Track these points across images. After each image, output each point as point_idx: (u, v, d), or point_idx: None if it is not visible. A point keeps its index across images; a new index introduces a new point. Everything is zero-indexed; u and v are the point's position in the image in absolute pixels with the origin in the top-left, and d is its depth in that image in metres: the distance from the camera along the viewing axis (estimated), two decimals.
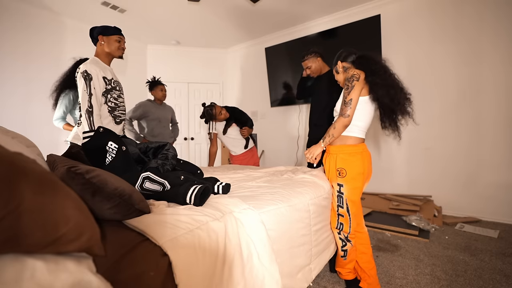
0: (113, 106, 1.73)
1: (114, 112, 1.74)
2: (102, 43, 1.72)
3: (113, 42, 1.73)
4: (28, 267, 0.43)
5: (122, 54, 1.81)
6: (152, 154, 1.32)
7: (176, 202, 0.94)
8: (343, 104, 1.30)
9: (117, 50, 1.75)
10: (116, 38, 1.75)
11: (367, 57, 1.36)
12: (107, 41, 1.73)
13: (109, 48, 1.73)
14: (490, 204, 2.59)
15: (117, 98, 1.76)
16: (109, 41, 1.73)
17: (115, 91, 1.74)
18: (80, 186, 0.66)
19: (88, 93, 1.58)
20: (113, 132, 1.09)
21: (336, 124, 1.32)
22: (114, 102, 1.73)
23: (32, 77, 3.19)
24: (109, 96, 1.70)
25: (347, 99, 1.29)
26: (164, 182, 0.99)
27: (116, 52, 1.76)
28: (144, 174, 0.98)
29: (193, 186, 0.94)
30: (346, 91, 1.30)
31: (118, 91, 1.77)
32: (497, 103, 2.56)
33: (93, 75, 1.61)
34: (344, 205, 1.37)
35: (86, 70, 1.60)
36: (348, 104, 1.28)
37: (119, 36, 1.76)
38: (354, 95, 1.28)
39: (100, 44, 1.72)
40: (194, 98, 4.76)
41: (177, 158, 1.35)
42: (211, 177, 1.32)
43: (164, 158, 1.24)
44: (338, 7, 3.36)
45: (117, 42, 1.75)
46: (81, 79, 1.59)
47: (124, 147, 1.02)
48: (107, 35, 1.72)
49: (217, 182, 1.23)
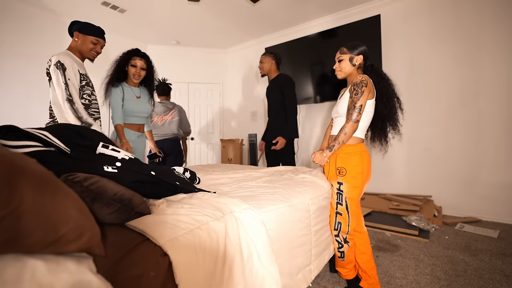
0: (87, 103, 1.64)
1: (88, 110, 1.65)
2: (76, 40, 1.64)
3: (87, 42, 1.65)
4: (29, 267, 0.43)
5: (94, 57, 1.72)
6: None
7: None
8: (352, 109, 1.30)
9: (89, 51, 1.67)
10: (92, 40, 1.66)
11: (376, 71, 1.44)
12: (82, 39, 1.64)
13: (81, 47, 1.65)
14: (490, 204, 2.59)
15: (90, 95, 1.67)
16: (84, 40, 1.64)
17: (88, 88, 1.66)
18: (79, 194, 0.66)
19: (64, 82, 1.50)
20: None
21: (346, 129, 1.31)
22: (88, 99, 1.65)
23: (32, 77, 3.19)
24: (82, 92, 1.61)
25: (357, 104, 1.29)
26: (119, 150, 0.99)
27: (87, 53, 1.67)
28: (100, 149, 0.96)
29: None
30: (356, 96, 1.30)
31: (91, 88, 1.69)
32: (497, 103, 2.56)
33: (67, 66, 1.52)
34: (343, 202, 1.37)
35: (59, 60, 1.52)
36: (358, 109, 1.29)
37: (96, 38, 1.67)
38: (363, 101, 1.29)
39: (74, 40, 1.64)
40: (194, 98, 4.76)
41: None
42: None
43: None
44: (338, 7, 3.36)
45: (92, 44, 1.66)
46: (55, 70, 1.50)
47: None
48: (83, 33, 1.64)
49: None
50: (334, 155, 1.41)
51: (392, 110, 1.43)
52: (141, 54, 1.98)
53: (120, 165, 0.87)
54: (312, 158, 1.42)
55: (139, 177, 0.89)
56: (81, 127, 1.05)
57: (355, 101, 1.30)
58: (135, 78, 1.96)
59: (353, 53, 1.40)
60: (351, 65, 1.41)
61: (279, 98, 2.45)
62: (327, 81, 3.47)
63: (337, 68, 1.45)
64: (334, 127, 1.48)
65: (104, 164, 0.83)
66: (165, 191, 1.02)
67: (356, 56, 1.39)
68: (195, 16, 3.54)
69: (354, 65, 1.40)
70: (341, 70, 1.44)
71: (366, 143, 1.47)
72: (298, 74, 3.69)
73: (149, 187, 0.94)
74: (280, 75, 2.53)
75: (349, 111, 1.32)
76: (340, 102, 1.42)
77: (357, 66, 1.41)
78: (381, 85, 1.41)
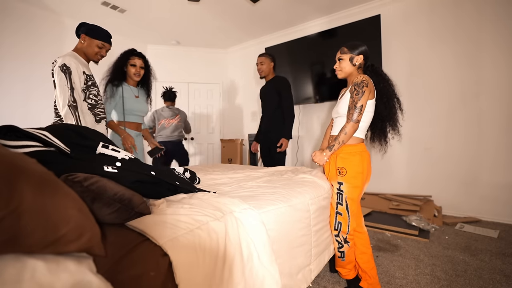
0: (93, 103, 1.66)
1: (94, 110, 1.66)
2: (83, 42, 1.66)
3: (93, 46, 1.67)
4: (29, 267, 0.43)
5: (99, 60, 1.75)
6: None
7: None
8: (353, 109, 1.30)
9: (94, 55, 1.69)
10: (98, 44, 1.68)
11: (377, 72, 1.44)
12: (88, 42, 1.66)
13: (87, 50, 1.67)
14: (490, 204, 2.59)
15: (97, 96, 1.69)
16: (90, 43, 1.67)
17: (94, 88, 1.68)
18: (79, 194, 0.66)
19: (70, 87, 1.51)
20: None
21: (347, 129, 1.31)
22: (94, 99, 1.66)
23: (32, 77, 3.19)
24: (88, 92, 1.63)
25: (358, 104, 1.29)
26: (119, 150, 0.99)
27: (92, 56, 1.70)
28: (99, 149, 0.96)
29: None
30: (356, 96, 1.30)
31: (97, 89, 1.71)
32: (497, 103, 2.56)
33: (72, 69, 1.53)
34: (344, 202, 1.37)
35: (65, 64, 1.52)
36: (358, 110, 1.29)
37: (102, 42, 1.70)
38: (364, 101, 1.30)
39: (81, 42, 1.66)
40: (194, 98, 4.76)
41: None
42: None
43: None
44: (338, 7, 3.36)
45: (98, 48, 1.69)
46: (60, 73, 1.50)
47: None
48: (90, 37, 1.66)
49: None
50: (335, 155, 1.41)
51: (392, 110, 1.43)
52: (138, 53, 2.03)
53: (120, 165, 0.87)
54: (312, 157, 1.43)
55: (139, 177, 0.89)
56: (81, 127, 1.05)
57: (355, 101, 1.30)
58: (136, 77, 2.00)
59: (353, 53, 1.40)
60: (351, 65, 1.41)
61: (275, 99, 2.47)
62: (327, 81, 3.47)
63: (337, 67, 1.46)
64: (334, 127, 1.48)
65: (104, 164, 0.83)
66: (165, 191, 1.02)
67: (356, 56, 1.40)
68: (195, 16, 3.54)
69: (354, 65, 1.41)
70: (341, 70, 1.44)
71: (366, 143, 1.47)
72: (298, 74, 3.69)
73: (149, 187, 0.94)
74: (276, 77, 2.56)
75: (349, 111, 1.32)
76: (341, 102, 1.43)
77: (357, 66, 1.41)
78: (381, 85, 1.41)
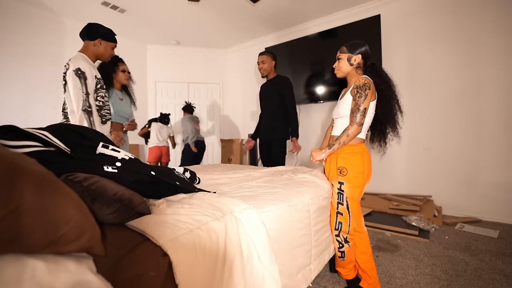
0: (100, 105, 1.67)
1: (101, 111, 1.67)
2: (99, 46, 1.67)
3: (109, 49, 1.71)
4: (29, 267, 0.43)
5: (108, 60, 1.79)
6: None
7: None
8: (357, 111, 1.30)
9: (108, 57, 1.73)
10: (113, 46, 1.73)
11: (377, 72, 1.42)
12: (104, 45, 1.68)
13: (104, 53, 1.69)
14: (490, 204, 2.59)
15: (104, 97, 1.70)
16: (106, 46, 1.69)
17: (102, 90, 1.69)
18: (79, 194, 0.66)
19: (85, 92, 1.53)
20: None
21: (349, 132, 1.31)
22: (101, 101, 1.68)
23: (32, 77, 3.20)
24: (96, 94, 1.64)
25: (361, 107, 1.29)
26: (120, 150, 0.99)
27: (106, 58, 1.73)
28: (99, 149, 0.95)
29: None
30: (359, 99, 1.30)
31: (104, 90, 1.72)
32: (497, 103, 2.56)
33: (87, 74, 1.55)
34: (344, 202, 1.37)
35: (79, 68, 1.53)
36: (362, 112, 1.30)
37: (115, 44, 1.75)
38: (367, 104, 1.30)
39: (95, 45, 1.66)
40: (194, 98, 4.76)
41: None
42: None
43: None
44: (338, 7, 3.36)
45: (112, 50, 1.72)
46: (75, 78, 1.51)
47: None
48: (106, 40, 1.68)
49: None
50: (335, 155, 1.41)
51: (392, 112, 1.43)
52: (122, 60, 2.15)
53: (120, 165, 0.87)
54: (310, 153, 1.45)
55: (139, 177, 0.89)
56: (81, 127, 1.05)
57: (358, 104, 1.30)
58: (127, 81, 2.16)
59: (351, 53, 1.40)
60: (348, 65, 1.41)
61: (277, 99, 2.46)
62: (327, 81, 3.47)
63: (336, 67, 1.47)
64: (334, 128, 1.48)
65: (104, 164, 0.83)
66: (165, 191, 1.02)
67: (355, 56, 1.40)
68: (195, 16, 3.54)
69: (352, 64, 1.41)
70: (339, 69, 1.45)
71: (365, 143, 1.47)
72: (298, 74, 3.69)
73: (149, 187, 0.94)
74: (278, 76, 2.54)
75: (353, 114, 1.32)
76: (341, 103, 1.42)
77: (355, 66, 1.41)
78: (381, 87, 1.40)
